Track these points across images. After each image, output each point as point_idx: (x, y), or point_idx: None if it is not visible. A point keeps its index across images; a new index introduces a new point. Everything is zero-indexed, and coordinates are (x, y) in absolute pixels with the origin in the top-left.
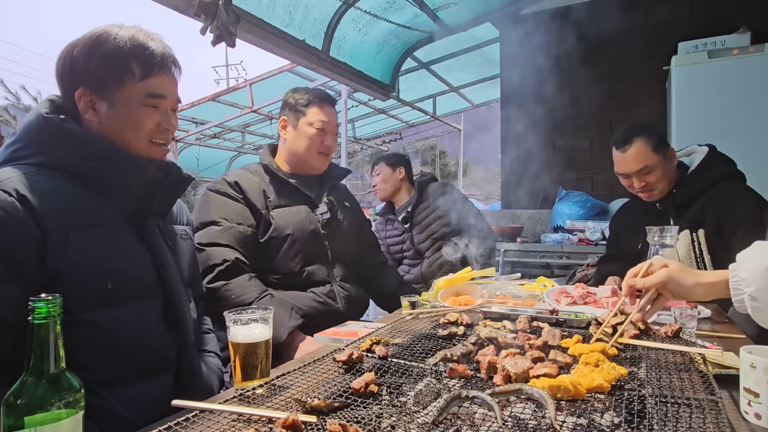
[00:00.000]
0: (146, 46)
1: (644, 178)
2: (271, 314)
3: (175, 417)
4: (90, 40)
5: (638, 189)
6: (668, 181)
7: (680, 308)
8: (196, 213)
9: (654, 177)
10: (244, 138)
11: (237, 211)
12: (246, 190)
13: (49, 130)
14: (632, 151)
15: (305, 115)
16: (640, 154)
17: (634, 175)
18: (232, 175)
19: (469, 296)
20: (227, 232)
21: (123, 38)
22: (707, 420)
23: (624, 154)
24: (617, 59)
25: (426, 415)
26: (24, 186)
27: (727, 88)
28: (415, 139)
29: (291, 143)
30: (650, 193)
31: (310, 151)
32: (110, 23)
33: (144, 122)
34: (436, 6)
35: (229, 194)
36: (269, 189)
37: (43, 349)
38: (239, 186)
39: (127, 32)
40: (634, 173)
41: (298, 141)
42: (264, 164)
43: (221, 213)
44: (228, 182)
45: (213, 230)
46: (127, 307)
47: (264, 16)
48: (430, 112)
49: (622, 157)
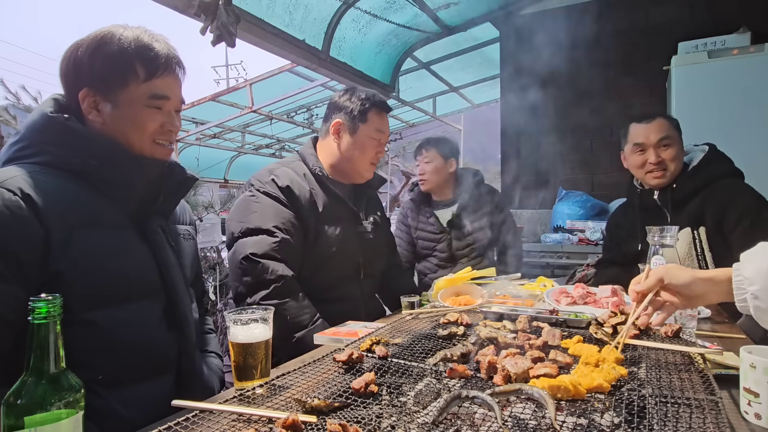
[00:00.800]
0: (151, 47)
1: (662, 153)
2: (271, 314)
3: (175, 417)
4: (94, 40)
5: (653, 164)
6: (677, 167)
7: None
8: (240, 212)
9: (671, 153)
10: (244, 138)
11: (291, 222)
12: (299, 197)
13: (53, 129)
14: (655, 123)
15: (366, 122)
16: (663, 125)
17: (653, 146)
18: (281, 176)
19: (469, 296)
20: (284, 246)
21: (127, 39)
22: (707, 420)
23: (647, 125)
24: (617, 59)
25: (426, 415)
26: (28, 185)
27: (727, 88)
28: (415, 139)
29: (346, 150)
30: (662, 173)
31: (364, 161)
32: (115, 24)
33: (147, 123)
34: (436, 6)
35: (281, 200)
36: (318, 198)
37: (43, 349)
38: (291, 192)
39: (132, 33)
40: (654, 143)
41: (353, 149)
42: (313, 169)
43: (275, 221)
44: (279, 186)
45: (267, 241)
46: (128, 307)
47: (264, 16)
48: (430, 112)
49: (645, 127)
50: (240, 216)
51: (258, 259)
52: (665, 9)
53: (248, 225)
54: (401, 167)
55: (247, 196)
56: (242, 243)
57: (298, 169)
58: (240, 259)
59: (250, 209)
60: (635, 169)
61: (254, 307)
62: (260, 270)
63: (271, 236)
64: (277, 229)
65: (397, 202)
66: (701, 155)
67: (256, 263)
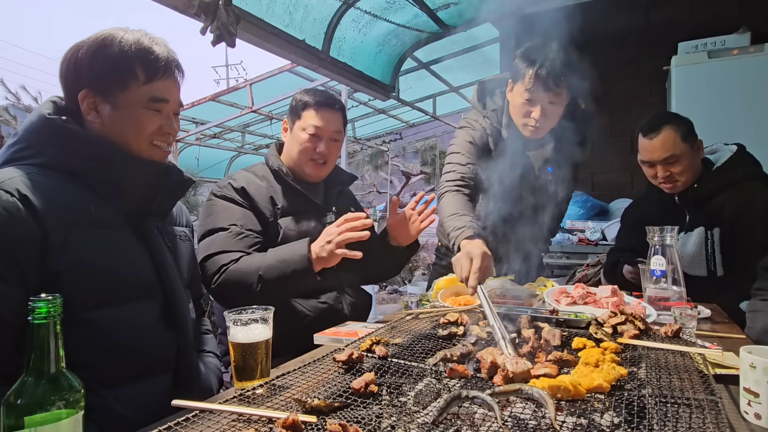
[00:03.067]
0: (151, 50)
1: (669, 168)
2: (271, 314)
3: (175, 417)
4: (95, 42)
5: (661, 179)
6: (693, 174)
7: (680, 308)
8: (201, 218)
9: (679, 167)
10: (244, 138)
11: (247, 218)
12: (254, 196)
13: (50, 130)
14: (660, 138)
15: (300, 119)
16: (668, 141)
17: (659, 163)
18: (238, 179)
19: (469, 296)
20: (237, 239)
21: (128, 42)
22: (707, 420)
23: (651, 141)
24: (617, 59)
25: (426, 415)
26: (26, 186)
27: (727, 88)
28: (415, 139)
29: (287, 147)
30: (673, 185)
31: (301, 158)
32: (116, 26)
33: (146, 126)
34: (436, 6)
35: (236, 200)
36: (277, 195)
37: (42, 349)
38: (246, 192)
39: (133, 36)
40: (659, 161)
41: (292, 146)
42: (273, 168)
43: (230, 219)
44: (234, 187)
45: (221, 236)
46: (126, 307)
47: (264, 16)
48: (430, 112)
49: (649, 144)
50: (201, 221)
51: (211, 256)
52: (665, 9)
53: (206, 227)
54: (401, 167)
55: (207, 202)
56: (202, 245)
57: (259, 171)
58: (199, 261)
59: (208, 212)
60: (649, 177)
61: (254, 307)
62: (212, 263)
63: (224, 231)
64: (232, 225)
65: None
66: (728, 155)
67: (209, 259)
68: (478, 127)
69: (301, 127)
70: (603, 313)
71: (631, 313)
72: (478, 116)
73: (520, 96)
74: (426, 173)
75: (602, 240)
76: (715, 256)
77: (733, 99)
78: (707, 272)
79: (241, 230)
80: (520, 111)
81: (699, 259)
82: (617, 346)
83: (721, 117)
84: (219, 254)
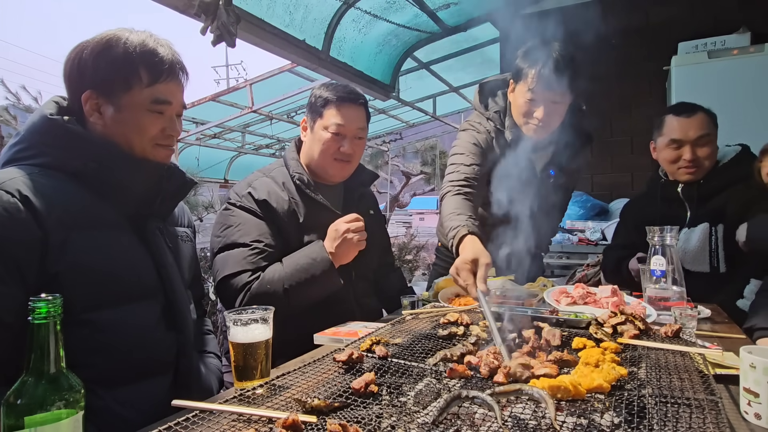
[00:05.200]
0: (155, 52)
1: (699, 150)
2: (271, 314)
3: (175, 417)
4: (100, 43)
5: (687, 161)
6: (712, 162)
7: (680, 308)
8: (218, 228)
9: (707, 151)
10: (244, 138)
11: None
12: (276, 210)
13: (52, 131)
14: (696, 118)
15: (321, 117)
16: (704, 121)
17: (692, 142)
18: (258, 189)
19: (470, 296)
20: (259, 257)
21: (133, 43)
22: (707, 420)
23: (687, 119)
24: (617, 59)
25: (426, 415)
26: (27, 187)
27: (727, 88)
28: (415, 139)
29: (308, 147)
30: (696, 169)
31: (324, 158)
32: (121, 27)
33: (148, 128)
34: (436, 6)
35: (257, 213)
36: (299, 208)
37: (43, 349)
38: (268, 205)
39: (137, 37)
40: (693, 140)
41: (313, 146)
42: (293, 176)
43: (251, 235)
44: (255, 198)
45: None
46: (127, 308)
47: (264, 16)
48: (430, 112)
49: (685, 121)
50: (217, 231)
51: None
52: (665, 9)
53: (225, 240)
54: (401, 167)
55: (224, 211)
56: (220, 259)
57: (279, 177)
58: (218, 279)
59: (227, 223)
60: (667, 163)
61: (254, 307)
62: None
63: (245, 248)
64: (254, 242)
65: (398, 202)
66: (733, 153)
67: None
68: (482, 130)
69: (323, 126)
70: (603, 313)
71: (631, 313)
72: (480, 118)
73: (523, 96)
74: (426, 173)
75: (602, 240)
76: (719, 252)
77: (733, 99)
78: (710, 268)
79: (264, 248)
80: (523, 111)
81: (702, 255)
82: (617, 346)
83: (721, 117)
84: (241, 273)
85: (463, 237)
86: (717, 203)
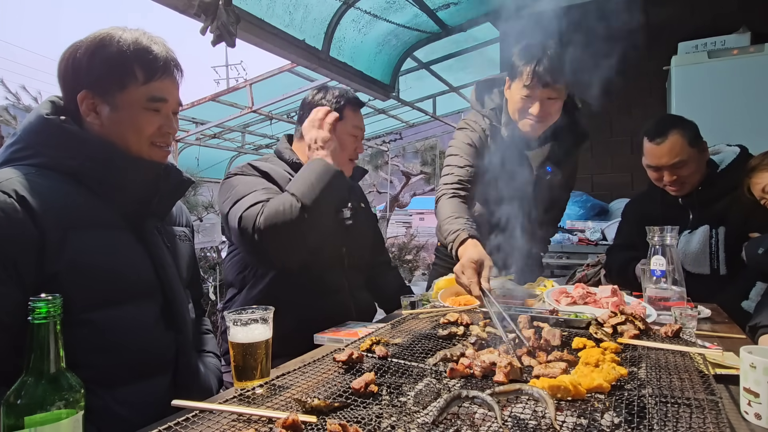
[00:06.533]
0: (149, 49)
1: (677, 172)
2: (271, 314)
3: (175, 417)
4: (93, 42)
5: (667, 182)
6: (699, 176)
7: (680, 308)
8: (222, 196)
9: (687, 171)
10: (244, 138)
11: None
12: (278, 182)
13: (48, 131)
14: (667, 144)
15: (342, 120)
16: (676, 147)
17: (666, 168)
18: (260, 164)
19: (469, 296)
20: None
21: (126, 42)
22: (707, 420)
23: (658, 147)
24: (617, 59)
25: (426, 415)
26: (23, 187)
27: (727, 88)
28: (415, 139)
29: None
30: (680, 187)
31: (342, 159)
32: (114, 26)
33: (145, 126)
34: (436, 6)
35: (258, 177)
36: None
37: (42, 349)
38: (270, 177)
39: (131, 35)
40: (667, 166)
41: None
42: (290, 162)
43: (261, 185)
44: (256, 168)
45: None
46: (125, 308)
47: (264, 16)
48: (430, 112)
49: (656, 149)
50: (224, 195)
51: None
52: (665, 9)
53: (231, 200)
54: (401, 167)
55: (226, 180)
56: (232, 213)
57: (273, 161)
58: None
59: (233, 185)
60: (654, 180)
61: (254, 307)
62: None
63: (251, 193)
64: (263, 189)
65: (398, 202)
66: (732, 157)
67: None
68: (477, 129)
69: (347, 128)
70: (603, 313)
71: (631, 313)
72: (477, 117)
73: (519, 92)
74: (426, 173)
75: (602, 240)
76: (719, 255)
77: (733, 99)
78: (710, 270)
79: (268, 191)
80: (519, 108)
81: (703, 257)
82: (617, 346)
83: (721, 117)
84: (252, 207)
85: (464, 240)
86: (719, 207)
